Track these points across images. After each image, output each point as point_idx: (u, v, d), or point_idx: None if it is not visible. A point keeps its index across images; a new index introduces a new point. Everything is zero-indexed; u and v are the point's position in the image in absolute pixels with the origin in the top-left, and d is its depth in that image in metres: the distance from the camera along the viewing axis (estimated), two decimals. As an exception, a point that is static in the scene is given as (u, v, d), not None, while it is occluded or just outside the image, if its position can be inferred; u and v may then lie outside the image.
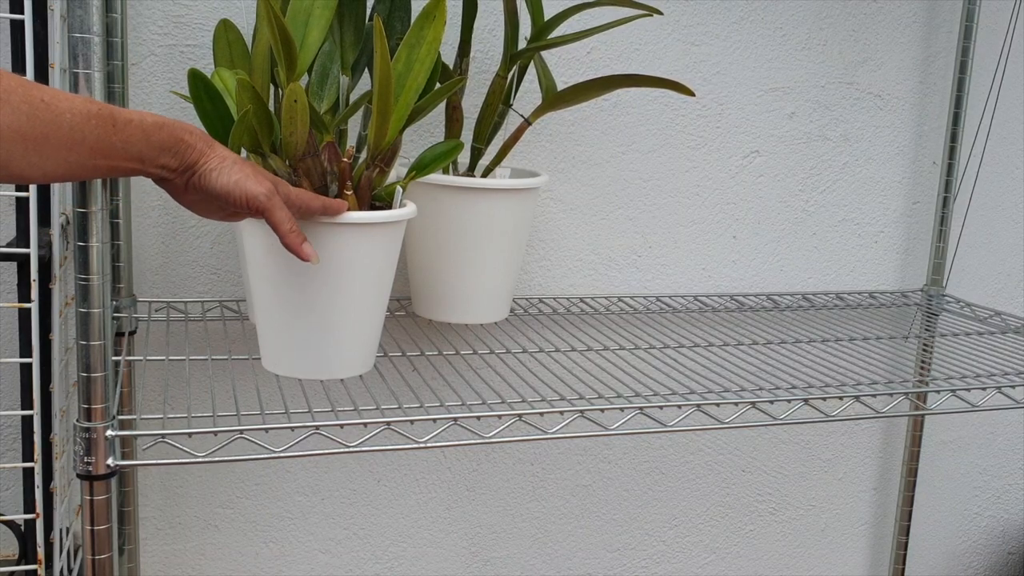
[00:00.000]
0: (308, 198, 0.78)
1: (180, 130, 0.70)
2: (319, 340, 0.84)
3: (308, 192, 0.79)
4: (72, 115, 0.62)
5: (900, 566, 1.48)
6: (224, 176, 0.72)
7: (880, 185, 1.37)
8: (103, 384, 0.72)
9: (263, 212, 0.74)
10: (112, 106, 0.66)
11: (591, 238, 1.25)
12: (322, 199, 0.79)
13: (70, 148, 0.63)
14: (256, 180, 0.73)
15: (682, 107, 1.25)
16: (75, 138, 0.63)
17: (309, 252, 0.77)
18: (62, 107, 0.62)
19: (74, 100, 0.63)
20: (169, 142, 0.69)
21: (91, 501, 0.73)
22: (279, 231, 0.75)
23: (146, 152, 0.68)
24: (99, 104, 0.65)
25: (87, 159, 0.64)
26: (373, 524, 1.25)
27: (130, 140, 0.66)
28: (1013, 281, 1.48)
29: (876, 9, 1.31)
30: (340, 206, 0.80)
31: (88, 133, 0.63)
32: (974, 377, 1.03)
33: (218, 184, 0.72)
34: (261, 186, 0.73)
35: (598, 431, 0.86)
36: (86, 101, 0.64)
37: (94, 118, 0.63)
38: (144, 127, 0.67)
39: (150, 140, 0.68)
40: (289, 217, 0.75)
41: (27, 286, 0.87)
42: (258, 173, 0.74)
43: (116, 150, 0.65)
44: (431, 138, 1.15)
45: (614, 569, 1.38)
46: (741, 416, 0.90)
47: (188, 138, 0.70)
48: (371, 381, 1.03)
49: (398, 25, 0.99)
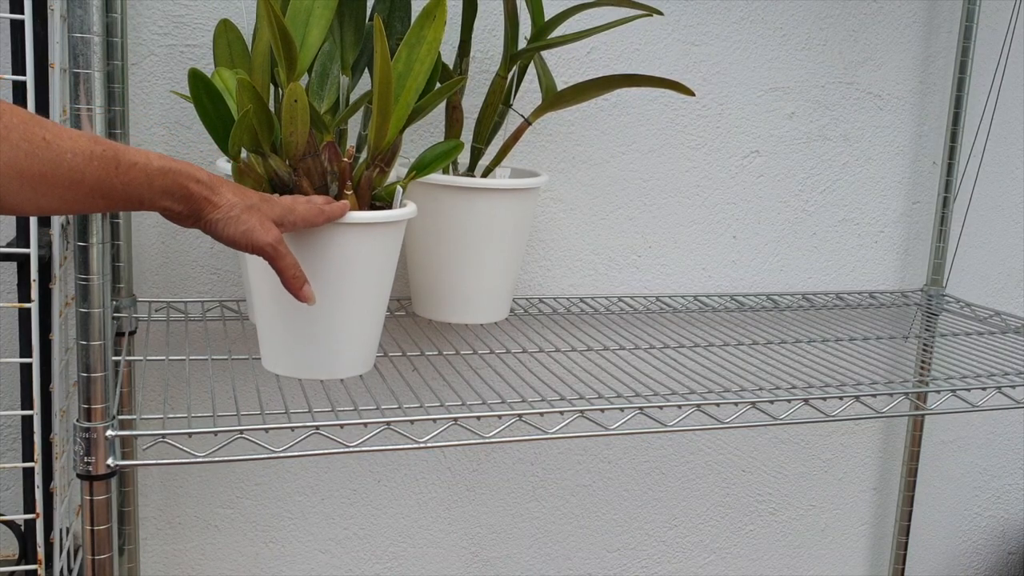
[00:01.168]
0: (312, 216, 0.78)
1: (185, 178, 0.69)
2: (319, 340, 0.84)
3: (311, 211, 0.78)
4: (74, 155, 0.61)
5: (900, 566, 1.48)
6: (231, 227, 0.72)
7: (880, 185, 1.37)
8: (103, 384, 0.72)
9: (269, 260, 0.75)
10: (118, 146, 0.65)
11: (591, 238, 1.25)
12: (325, 212, 0.79)
13: (68, 187, 0.62)
14: (263, 230, 0.73)
15: (682, 107, 1.25)
16: (74, 178, 0.62)
17: (308, 294, 0.79)
18: (64, 147, 0.61)
19: (78, 140, 0.62)
20: (173, 188, 0.68)
21: (91, 501, 0.73)
22: (283, 276, 0.77)
23: (147, 196, 0.67)
24: (104, 144, 0.64)
25: (85, 198, 0.63)
26: (373, 524, 1.25)
27: (132, 183, 0.65)
28: (1013, 281, 1.48)
29: (876, 9, 1.31)
30: (342, 210, 0.80)
31: (88, 174, 0.62)
32: (974, 377, 1.03)
33: (225, 234, 0.72)
34: (268, 235, 0.74)
35: (598, 431, 0.86)
36: (90, 141, 0.63)
37: (97, 159, 0.63)
38: (148, 172, 0.66)
39: (153, 185, 0.67)
40: (293, 263, 0.76)
41: (27, 286, 0.87)
42: (264, 220, 0.74)
43: (116, 192, 0.65)
44: (431, 138, 1.15)
45: (614, 569, 1.38)
46: (741, 416, 0.90)
47: (193, 187, 0.69)
48: (371, 381, 1.03)
49: (398, 25, 0.99)
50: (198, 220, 0.71)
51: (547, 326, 1.22)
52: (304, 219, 0.77)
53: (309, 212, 0.78)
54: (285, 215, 0.76)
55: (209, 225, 0.72)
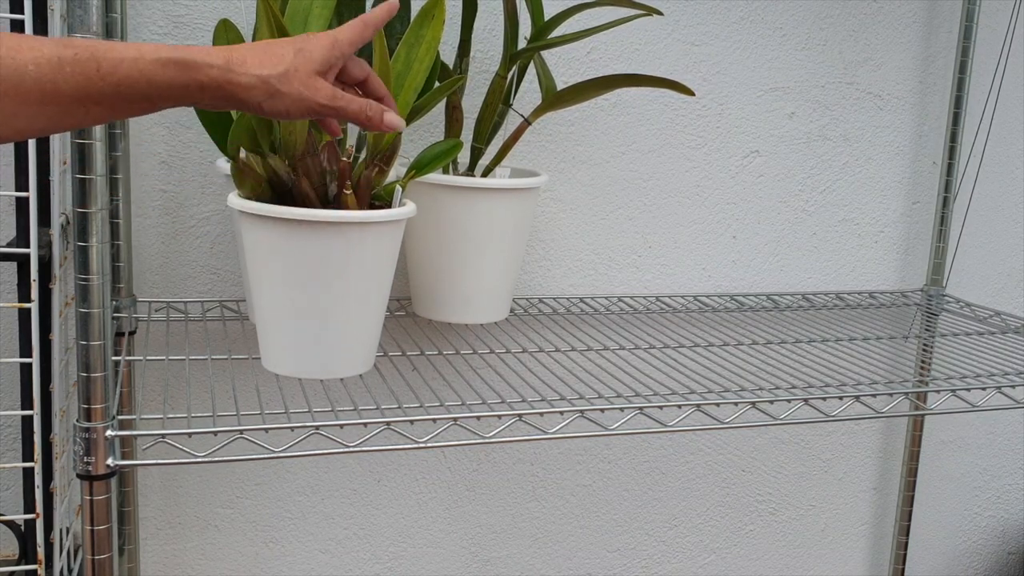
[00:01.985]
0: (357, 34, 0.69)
1: (194, 69, 0.60)
2: (319, 340, 0.84)
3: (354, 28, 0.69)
4: (37, 65, 0.54)
5: (900, 566, 1.48)
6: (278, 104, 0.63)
7: (880, 185, 1.37)
8: (103, 384, 0.72)
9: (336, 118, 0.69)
10: (98, 44, 0.57)
11: (591, 238, 1.25)
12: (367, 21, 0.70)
13: (42, 102, 0.55)
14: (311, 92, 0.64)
15: (682, 107, 1.25)
16: (46, 90, 0.55)
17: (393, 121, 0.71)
18: (24, 58, 0.54)
19: (42, 47, 0.55)
20: (184, 81, 0.60)
21: (91, 501, 0.73)
22: (359, 123, 0.70)
23: (152, 92, 0.59)
24: (77, 46, 0.56)
25: (71, 109, 0.57)
26: (373, 524, 1.25)
27: (123, 82, 0.57)
28: (1013, 281, 1.48)
29: (876, 9, 1.31)
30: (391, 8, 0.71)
31: (63, 83, 0.55)
32: (974, 377, 1.03)
33: (272, 113, 0.64)
34: (318, 96, 0.65)
35: (598, 431, 0.86)
36: (58, 45, 0.56)
37: (68, 64, 0.55)
38: (141, 67, 0.58)
39: (154, 81, 0.58)
40: (362, 106, 0.68)
41: (27, 286, 0.87)
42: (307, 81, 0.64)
43: (106, 95, 0.57)
44: (431, 138, 1.15)
45: (614, 569, 1.38)
46: (741, 416, 0.90)
47: (206, 77, 0.60)
48: (371, 381, 1.03)
49: (397, 25, 0.99)
50: (234, 106, 0.63)
51: (547, 326, 1.22)
52: (351, 42, 0.68)
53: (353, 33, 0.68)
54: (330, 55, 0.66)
55: (251, 108, 0.63)
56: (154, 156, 1.08)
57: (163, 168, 1.08)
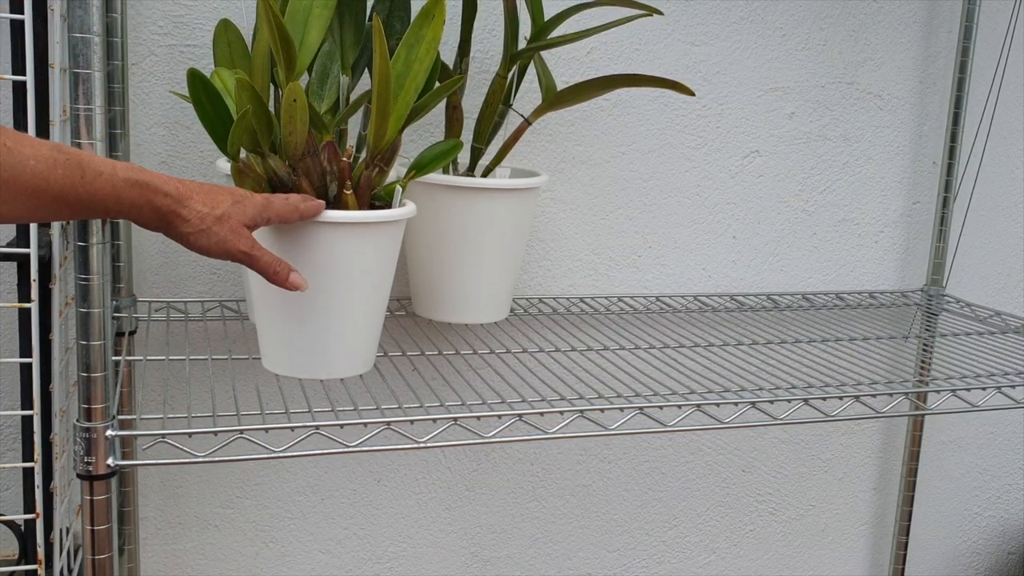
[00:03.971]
0: (286, 214, 0.78)
1: (152, 192, 0.68)
2: (319, 340, 0.84)
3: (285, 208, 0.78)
4: (37, 162, 0.61)
5: (900, 566, 1.48)
6: (203, 239, 0.72)
7: (880, 185, 1.37)
8: (103, 384, 0.72)
9: (247, 266, 0.76)
10: (82, 154, 0.64)
11: (591, 238, 1.25)
12: (299, 209, 0.78)
13: (32, 194, 0.61)
14: (235, 237, 0.73)
15: (682, 107, 1.25)
16: (39, 185, 0.61)
17: (297, 282, 0.78)
18: (26, 153, 0.61)
19: (40, 147, 0.62)
20: (140, 201, 0.67)
21: (91, 501, 0.73)
22: (265, 276, 0.77)
23: (113, 207, 0.66)
24: (68, 152, 0.63)
25: (49, 205, 0.63)
26: (373, 524, 1.25)
27: (98, 193, 0.64)
28: (1013, 281, 1.48)
29: (876, 9, 1.31)
30: (318, 207, 0.80)
31: (53, 181, 0.62)
32: (974, 377, 1.03)
33: (197, 246, 0.72)
34: (240, 243, 0.73)
35: (598, 431, 0.86)
36: (53, 148, 0.62)
37: (61, 166, 0.62)
38: (114, 182, 0.65)
39: (120, 196, 0.66)
40: (270, 262, 0.76)
41: (27, 286, 0.87)
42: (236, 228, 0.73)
43: (81, 200, 0.64)
44: (431, 138, 1.15)
45: (614, 569, 1.38)
46: (741, 416, 0.90)
47: (160, 202, 0.68)
48: (371, 381, 1.03)
49: (397, 25, 0.99)
50: (168, 232, 0.71)
51: (547, 326, 1.22)
52: (279, 215, 0.77)
53: (284, 209, 0.77)
54: (259, 215, 0.75)
55: (180, 238, 0.71)
56: (154, 156, 1.08)
57: (163, 168, 1.08)
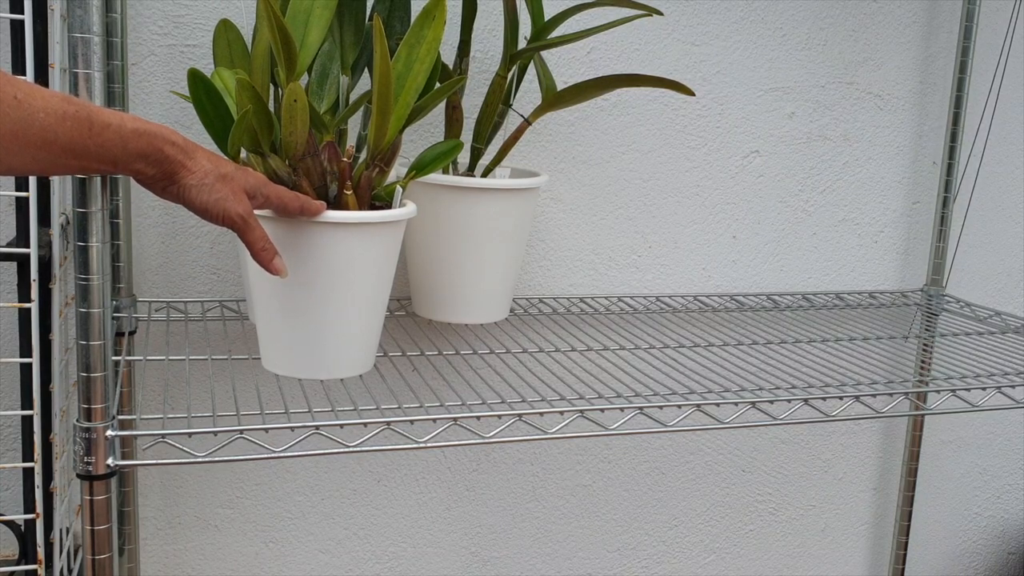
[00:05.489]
0: (288, 198, 0.78)
1: (160, 140, 0.68)
2: (319, 340, 0.84)
3: (288, 192, 0.78)
4: (46, 114, 0.61)
5: (900, 566, 1.48)
6: (204, 195, 0.71)
7: (880, 185, 1.37)
8: (103, 384, 0.72)
9: (239, 232, 0.75)
10: (91, 106, 0.64)
11: (591, 238, 1.25)
12: (301, 199, 0.79)
13: (40, 147, 0.61)
14: (235, 199, 0.72)
15: (682, 107, 1.25)
16: (47, 137, 0.61)
17: (279, 267, 0.78)
18: (36, 105, 0.60)
19: (50, 98, 0.61)
20: (147, 151, 0.67)
21: (91, 501, 0.73)
22: (252, 249, 0.76)
23: (121, 157, 0.66)
24: (76, 104, 0.63)
25: (57, 158, 0.63)
26: (373, 524, 1.25)
27: (105, 144, 0.64)
28: (1013, 281, 1.48)
29: (876, 9, 1.31)
30: (319, 207, 0.80)
31: (61, 134, 0.62)
32: (974, 377, 1.03)
33: (198, 201, 0.71)
34: (239, 206, 0.73)
35: (598, 431, 0.86)
36: (63, 100, 0.62)
37: (70, 119, 0.62)
38: (122, 133, 0.65)
39: (127, 147, 0.66)
40: (262, 236, 0.76)
41: (27, 286, 0.87)
42: (237, 191, 0.73)
43: (89, 152, 0.64)
44: (431, 138, 1.15)
45: (614, 569, 1.38)
46: (741, 416, 0.90)
47: (168, 150, 0.69)
48: (371, 381, 1.03)
49: (398, 25, 0.99)
50: (171, 184, 0.70)
51: (547, 326, 1.22)
52: (278, 196, 0.77)
53: (286, 193, 0.77)
54: (259, 187, 0.75)
55: (182, 191, 0.71)
56: (154, 156, 1.08)
57: (163, 168, 1.08)
